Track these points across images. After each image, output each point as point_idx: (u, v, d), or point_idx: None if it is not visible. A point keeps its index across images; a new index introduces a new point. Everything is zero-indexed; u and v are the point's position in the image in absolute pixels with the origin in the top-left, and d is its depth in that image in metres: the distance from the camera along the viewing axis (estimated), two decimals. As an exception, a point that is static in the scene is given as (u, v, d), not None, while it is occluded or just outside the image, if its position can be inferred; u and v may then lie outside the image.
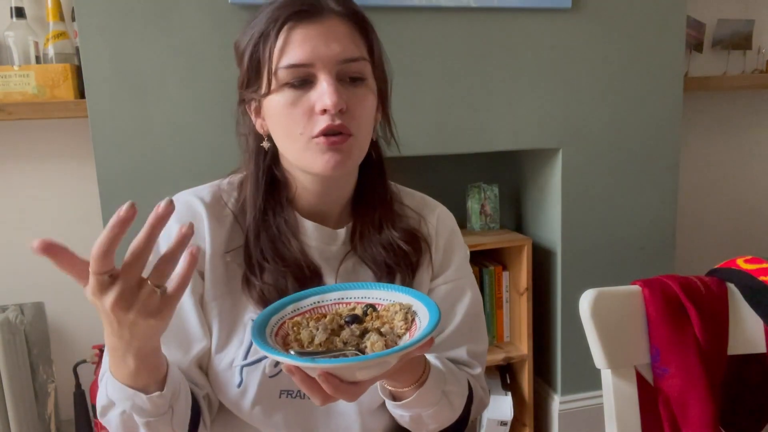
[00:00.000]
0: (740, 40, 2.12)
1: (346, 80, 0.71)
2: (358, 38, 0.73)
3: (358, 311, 0.67)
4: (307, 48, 0.69)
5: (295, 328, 0.64)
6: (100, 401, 0.67)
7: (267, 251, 0.76)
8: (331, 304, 0.69)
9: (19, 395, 1.58)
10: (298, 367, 0.57)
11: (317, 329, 0.62)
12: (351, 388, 0.59)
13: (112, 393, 0.64)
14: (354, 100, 0.71)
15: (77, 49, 1.48)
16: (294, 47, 0.69)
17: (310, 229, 0.78)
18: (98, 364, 1.69)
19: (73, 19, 1.53)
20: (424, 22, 1.53)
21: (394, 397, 0.73)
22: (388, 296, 0.69)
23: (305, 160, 0.72)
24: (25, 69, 1.49)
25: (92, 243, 0.49)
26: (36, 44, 1.58)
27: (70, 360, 1.74)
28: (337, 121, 0.69)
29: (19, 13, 1.56)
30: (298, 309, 0.68)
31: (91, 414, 1.73)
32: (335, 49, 0.69)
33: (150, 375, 0.63)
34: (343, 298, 0.70)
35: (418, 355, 0.65)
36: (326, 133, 0.70)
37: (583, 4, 1.62)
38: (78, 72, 1.49)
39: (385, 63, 0.79)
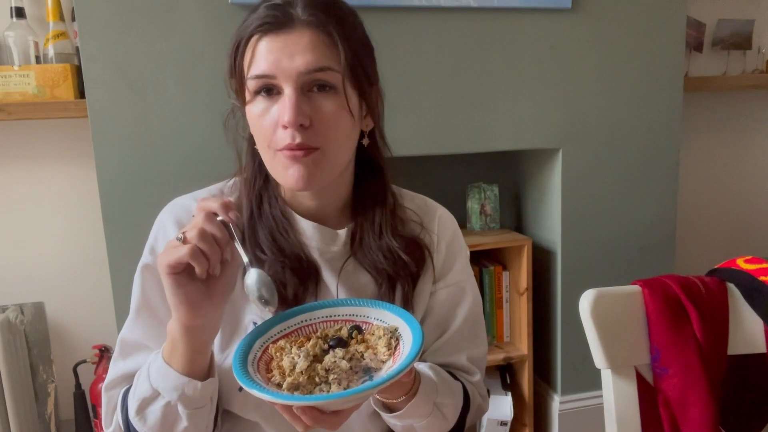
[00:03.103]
0: (740, 40, 2.12)
1: (313, 90, 0.70)
2: (327, 49, 0.69)
3: (344, 333, 0.66)
4: (270, 60, 0.68)
5: (278, 354, 0.63)
6: (140, 394, 0.68)
7: (265, 243, 0.75)
8: (319, 323, 0.68)
9: (19, 395, 1.58)
10: None
11: (299, 356, 0.61)
12: (331, 418, 0.59)
13: (161, 383, 0.66)
14: (320, 113, 0.69)
15: (77, 49, 1.48)
16: (259, 59, 0.69)
17: (309, 229, 0.78)
18: (98, 364, 1.69)
19: (73, 19, 1.53)
20: (424, 22, 1.52)
21: (387, 407, 0.73)
22: (376, 315, 0.68)
23: (275, 173, 0.73)
24: (25, 69, 1.49)
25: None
26: (36, 44, 1.58)
27: (70, 360, 1.73)
28: (297, 140, 0.68)
29: (19, 13, 1.56)
30: (286, 328, 0.67)
31: (91, 414, 1.73)
32: (298, 62, 0.68)
33: (202, 360, 0.66)
34: (331, 316, 0.69)
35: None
36: (289, 148, 0.70)
37: (583, 4, 1.62)
38: (78, 72, 1.49)
39: (370, 72, 0.75)
